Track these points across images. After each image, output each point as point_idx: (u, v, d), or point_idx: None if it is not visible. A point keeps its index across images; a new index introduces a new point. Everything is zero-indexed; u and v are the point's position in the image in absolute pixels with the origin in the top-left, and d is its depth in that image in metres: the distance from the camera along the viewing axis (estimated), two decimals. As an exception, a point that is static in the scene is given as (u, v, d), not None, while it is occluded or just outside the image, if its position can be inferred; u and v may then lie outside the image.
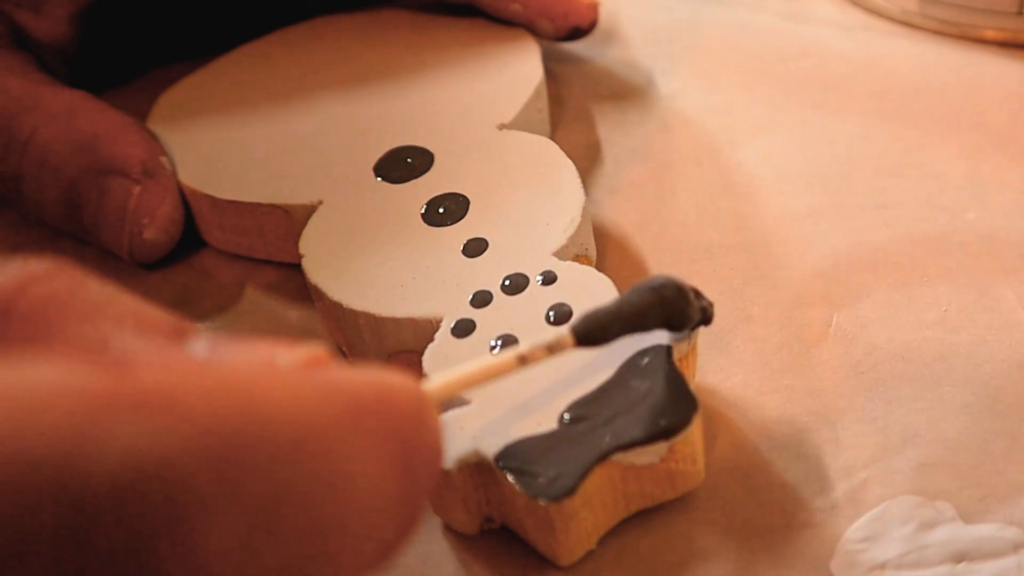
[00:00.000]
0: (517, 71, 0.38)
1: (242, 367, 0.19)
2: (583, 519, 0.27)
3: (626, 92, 0.41)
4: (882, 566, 0.27)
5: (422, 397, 0.21)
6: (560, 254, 0.32)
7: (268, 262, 0.36)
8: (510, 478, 0.27)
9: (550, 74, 0.41)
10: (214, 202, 0.36)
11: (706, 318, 0.29)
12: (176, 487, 0.17)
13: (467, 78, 0.38)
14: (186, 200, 0.36)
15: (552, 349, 0.27)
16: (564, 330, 0.27)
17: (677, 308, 0.28)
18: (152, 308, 0.21)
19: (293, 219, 0.35)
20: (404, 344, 0.31)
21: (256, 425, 0.18)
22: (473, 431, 0.28)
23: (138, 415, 0.17)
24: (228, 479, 0.17)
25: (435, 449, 0.21)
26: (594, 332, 0.27)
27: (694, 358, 0.30)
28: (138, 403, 0.17)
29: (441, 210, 0.34)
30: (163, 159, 0.36)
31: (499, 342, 0.29)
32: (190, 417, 0.17)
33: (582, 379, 0.28)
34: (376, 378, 0.21)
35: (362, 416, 0.19)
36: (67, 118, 0.36)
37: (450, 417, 0.28)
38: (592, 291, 0.30)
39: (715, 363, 0.32)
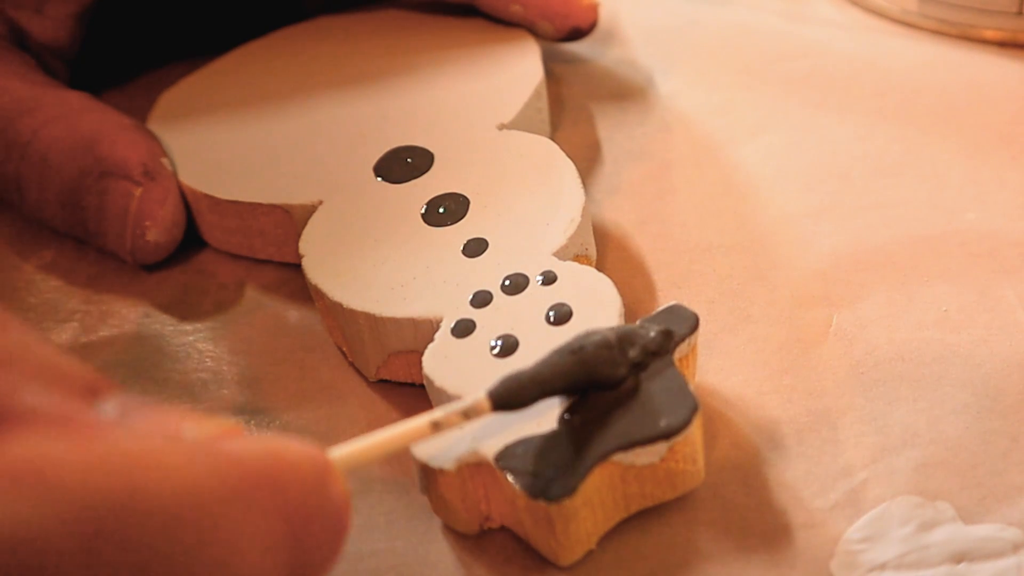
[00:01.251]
0: (517, 71, 0.38)
1: (133, 437, 0.19)
2: (583, 519, 0.27)
3: (626, 92, 0.41)
4: (882, 566, 0.27)
5: (324, 468, 0.21)
6: (560, 254, 0.32)
7: (268, 262, 0.36)
8: (510, 478, 0.27)
9: (550, 74, 0.41)
10: (214, 202, 0.36)
11: (661, 351, 0.28)
12: (40, 566, 0.16)
13: (467, 78, 0.38)
14: (186, 200, 0.36)
15: (468, 414, 0.26)
16: (481, 395, 0.26)
17: (600, 369, 0.27)
18: (71, 362, 0.21)
19: (293, 219, 0.35)
20: (404, 344, 0.31)
21: (135, 500, 0.17)
22: (473, 431, 0.28)
23: (4, 488, 0.16)
24: (99, 557, 0.17)
25: (335, 520, 0.21)
26: (512, 397, 0.27)
27: (694, 358, 0.30)
28: (7, 475, 0.16)
29: (441, 210, 0.34)
30: (164, 160, 0.36)
31: (499, 342, 0.29)
32: (62, 492, 0.17)
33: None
34: (276, 449, 0.20)
35: (252, 490, 0.19)
36: (68, 119, 0.36)
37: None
38: (592, 291, 0.30)
39: (715, 363, 0.32)
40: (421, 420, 0.26)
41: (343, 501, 0.22)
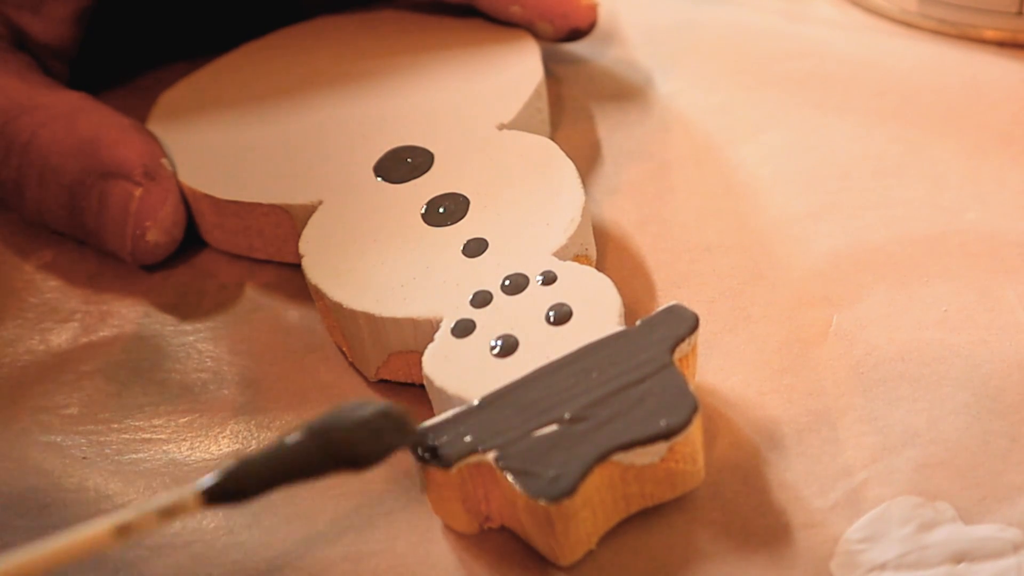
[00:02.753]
0: (517, 71, 0.38)
1: None
2: (583, 519, 0.27)
3: (626, 92, 0.41)
4: (882, 566, 0.27)
5: None
6: (560, 254, 0.32)
7: (268, 262, 0.36)
8: (510, 478, 0.27)
9: (550, 74, 0.41)
10: (214, 202, 0.36)
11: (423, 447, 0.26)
12: None
13: (467, 78, 0.38)
14: (186, 200, 0.36)
15: (168, 513, 0.23)
16: (188, 490, 0.24)
17: (349, 450, 0.25)
18: None
19: (293, 219, 0.35)
20: (404, 344, 0.31)
21: None
22: (472, 431, 0.28)
23: None
24: None
25: None
26: (232, 489, 0.24)
27: (694, 358, 0.30)
28: None
29: (441, 210, 0.34)
30: (164, 160, 0.36)
31: (499, 342, 0.29)
32: None
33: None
34: None
35: None
36: (68, 120, 0.36)
37: (451, 417, 0.28)
38: (592, 291, 0.30)
39: (715, 363, 0.32)
40: (102, 525, 0.23)
41: None
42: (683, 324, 0.29)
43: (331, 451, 0.25)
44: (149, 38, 0.44)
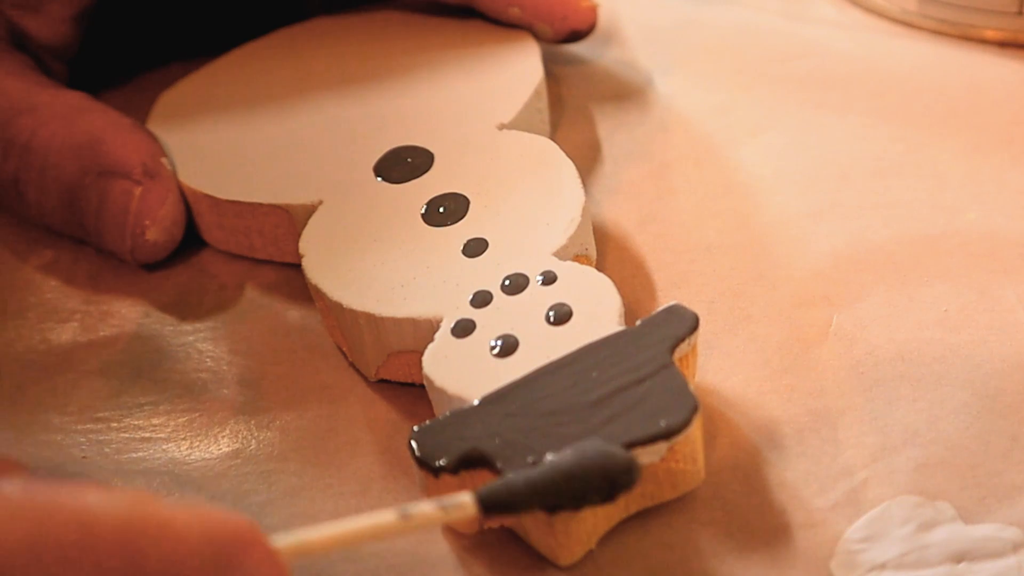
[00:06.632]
0: (517, 71, 0.38)
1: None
2: (583, 519, 0.27)
3: (626, 92, 0.41)
4: (882, 566, 0.27)
5: (242, 545, 0.21)
6: (560, 254, 0.32)
7: (268, 262, 0.36)
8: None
9: (550, 74, 0.41)
10: (214, 202, 0.36)
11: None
12: None
13: (467, 78, 0.38)
14: (186, 200, 0.36)
15: (448, 511, 0.25)
16: (466, 496, 0.25)
17: (622, 479, 0.26)
18: None
19: (293, 219, 0.35)
20: (404, 344, 0.31)
21: None
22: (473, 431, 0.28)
23: None
24: None
25: None
26: (504, 501, 0.25)
27: (694, 358, 0.30)
28: None
29: (441, 210, 0.34)
30: (164, 160, 0.36)
31: (499, 342, 0.29)
32: None
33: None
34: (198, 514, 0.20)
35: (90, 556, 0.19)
36: (67, 119, 0.36)
37: (451, 417, 0.28)
38: (592, 291, 0.30)
39: (715, 363, 0.32)
40: (389, 514, 0.25)
41: None
42: (683, 324, 0.29)
43: (606, 479, 0.26)
44: (149, 38, 0.44)
